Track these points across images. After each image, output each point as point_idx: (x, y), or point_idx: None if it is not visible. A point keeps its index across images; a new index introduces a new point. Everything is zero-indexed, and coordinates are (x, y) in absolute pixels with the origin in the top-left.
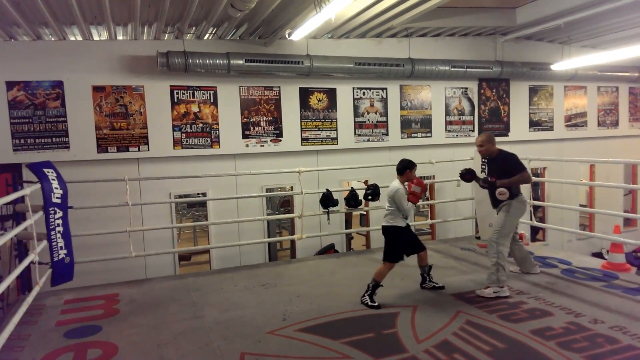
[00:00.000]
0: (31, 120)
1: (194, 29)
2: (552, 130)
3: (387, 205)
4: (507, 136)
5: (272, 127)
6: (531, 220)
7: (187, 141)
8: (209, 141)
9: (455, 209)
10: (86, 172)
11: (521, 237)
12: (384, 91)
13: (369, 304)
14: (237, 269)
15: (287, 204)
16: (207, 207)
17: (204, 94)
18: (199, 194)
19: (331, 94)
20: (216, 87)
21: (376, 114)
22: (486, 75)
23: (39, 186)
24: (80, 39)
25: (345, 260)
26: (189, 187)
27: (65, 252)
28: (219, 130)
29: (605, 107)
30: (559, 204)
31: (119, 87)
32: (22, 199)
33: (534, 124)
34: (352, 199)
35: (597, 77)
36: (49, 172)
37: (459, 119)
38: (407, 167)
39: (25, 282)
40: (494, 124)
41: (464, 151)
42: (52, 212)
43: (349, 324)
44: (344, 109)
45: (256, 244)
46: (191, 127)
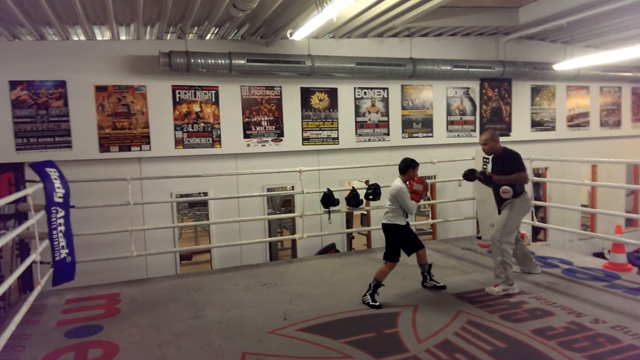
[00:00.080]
0: (34, 119)
1: (196, 28)
2: (554, 130)
3: (389, 203)
4: (509, 136)
5: (274, 126)
6: (533, 220)
7: (188, 141)
8: (211, 141)
9: (456, 209)
10: (88, 172)
11: (523, 237)
12: (386, 91)
13: (370, 303)
14: (238, 268)
15: (288, 203)
16: (208, 206)
17: (206, 94)
18: (200, 194)
19: (332, 94)
20: (218, 86)
21: (377, 113)
22: (488, 75)
23: (41, 185)
24: (83, 38)
25: (346, 260)
26: (190, 187)
27: (66, 251)
28: (220, 129)
29: (607, 107)
30: (561, 204)
31: (121, 87)
32: (24, 199)
33: (536, 124)
34: (353, 199)
35: (600, 77)
36: (51, 171)
37: (461, 119)
38: (409, 166)
39: (26, 282)
40: (496, 124)
41: (466, 151)
42: (54, 211)
43: (350, 324)
44: (345, 109)
45: (257, 244)
46: (193, 127)
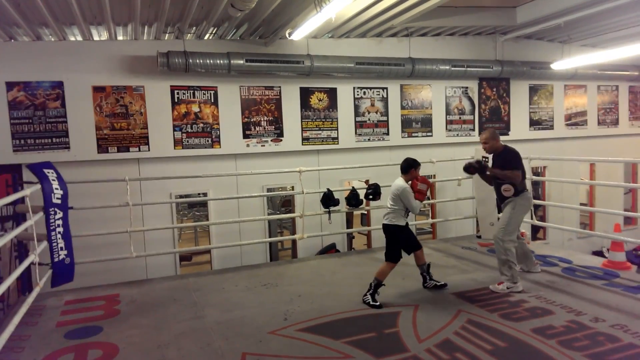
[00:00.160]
0: (31, 120)
1: (195, 28)
2: (553, 129)
3: (391, 203)
4: (508, 135)
5: (273, 127)
6: (532, 219)
7: (187, 141)
8: (210, 141)
9: (456, 208)
10: (86, 173)
11: (522, 235)
12: (385, 91)
13: (371, 303)
14: (238, 269)
15: (288, 203)
16: (207, 207)
17: (205, 94)
18: (199, 194)
19: (332, 94)
20: (217, 87)
21: (377, 113)
22: (486, 74)
23: (39, 187)
24: (80, 39)
25: (346, 259)
26: (190, 187)
27: (65, 252)
28: (219, 130)
29: (605, 105)
30: (560, 203)
31: (119, 88)
32: (22, 200)
33: (534, 123)
34: (353, 199)
35: (597, 76)
36: (49, 172)
37: (460, 118)
38: (411, 166)
39: (25, 283)
40: (495, 123)
41: (465, 150)
42: (53, 212)
43: (350, 324)
44: (345, 109)
45: (257, 244)
46: (192, 127)
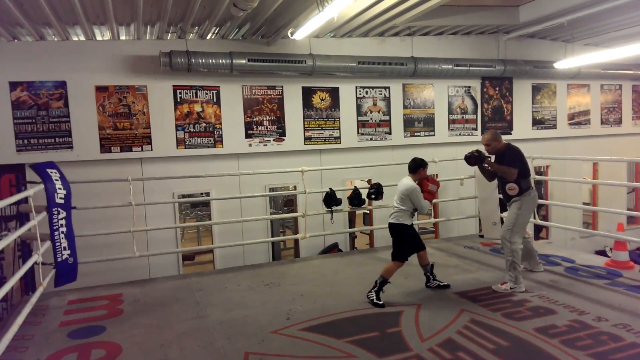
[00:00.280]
0: (34, 120)
1: (197, 28)
2: (555, 128)
3: (398, 202)
4: (510, 134)
5: (275, 126)
6: (535, 218)
7: (190, 141)
8: (212, 141)
9: (458, 208)
10: (89, 172)
11: (527, 235)
12: (387, 90)
13: (374, 301)
14: (240, 268)
15: (290, 203)
16: (210, 206)
17: (207, 94)
18: (202, 194)
19: (334, 93)
20: (219, 86)
21: (379, 112)
22: (489, 73)
23: (42, 187)
24: (83, 39)
25: (348, 259)
26: (193, 187)
27: (68, 252)
28: (222, 129)
29: (608, 105)
30: (563, 202)
31: (122, 87)
32: (25, 200)
33: (537, 122)
34: (356, 198)
35: (600, 75)
36: (52, 172)
37: (462, 117)
38: (419, 166)
39: (29, 283)
40: (497, 122)
41: (467, 150)
42: (56, 212)
43: (352, 323)
44: (347, 108)
45: (260, 244)
46: (194, 127)
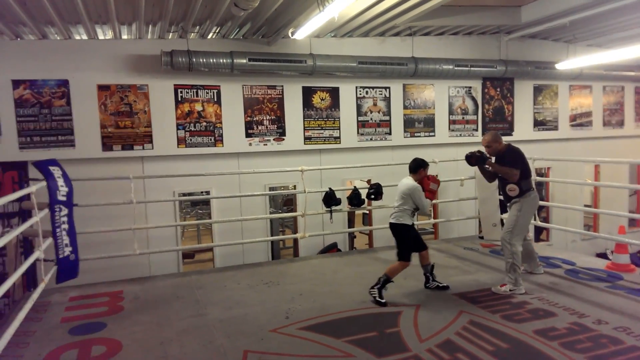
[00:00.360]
0: (37, 118)
1: (198, 28)
2: (557, 129)
3: (400, 202)
4: (511, 135)
5: (275, 126)
6: (535, 220)
7: (190, 140)
8: (213, 140)
9: (458, 209)
10: (91, 170)
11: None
12: (387, 90)
13: (377, 298)
14: (240, 267)
15: (290, 202)
16: (210, 205)
17: (208, 93)
18: (202, 193)
19: (334, 93)
20: (220, 86)
21: (379, 113)
22: (490, 74)
23: (44, 184)
24: (85, 38)
25: (348, 259)
26: (193, 186)
27: (70, 249)
28: (222, 129)
29: (610, 106)
30: (564, 204)
31: (124, 86)
32: (28, 197)
33: (539, 124)
34: (355, 198)
35: (603, 76)
36: (54, 170)
37: (463, 118)
38: (420, 166)
39: (30, 279)
40: (498, 123)
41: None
42: (58, 209)
43: (351, 323)
44: (347, 108)
45: (259, 243)
46: (195, 126)
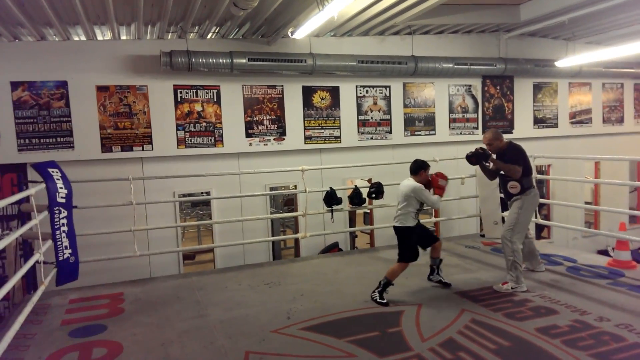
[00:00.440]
0: (36, 120)
1: (197, 28)
2: (557, 127)
3: (403, 204)
4: (512, 133)
5: (276, 125)
6: (536, 217)
7: (190, 140)
8: (213, 140)
9: (459, 207)
10: (90, 172)
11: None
12: (387, 89)
13: (378, 300)
14: (241, 267)
15: (290, 202)
16: (211, 206)
17: (207, 93)
18: (202, 193)
19: (334, 92)
20: (219, 86)
21: (379, 112)
22: (490, 72)
23: (43, 186)
24: (84, 39)
25: (349, 258)
26: (193, 186)
27: (70, 251)
28: (222, 129)
29: (610, 103)
30: (564, 202)
31: (123, 87)
32: (27, 199)
33: (538, 121)
34: (356, 197)
35: (602, 73)
36: (53, 171)
37: (463, 116)
38: (421, 167)
39: (30, 282)
40: (498, 121)
41: (468, 149)
42: (57, 211)
43: (353, 323)
44: (347, 107)
45: (260, 243)
46: (195, 126)
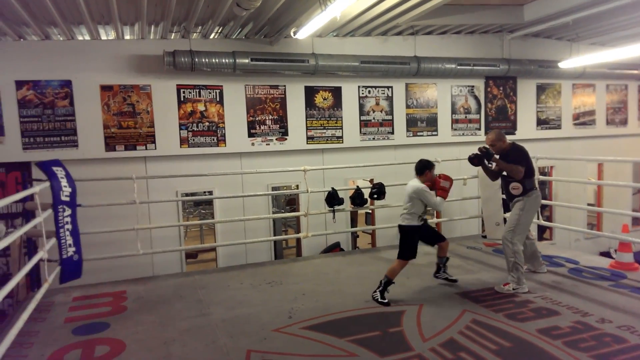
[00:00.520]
0: (40, 119)
1: (200, 28)
2: (560, 128)
3: (408, 205)
4: (514, 134)
5: (278, 125)
6: (538, 219)
7: (193, 140)
8: (215, 140)
9: (461, 208)
10: (94, 171)
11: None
12: (390, 89)
13: (379, 300)
14: (243, 266)
15: (292, 202)
16: (213, 205)
17: (210, 93)
18: (205, 193)
19: (336, 93)
20: (222, 86)
21: (382, 112)
22: (493, 73)
23: (48, 184)
24: (88, 38)
25: (350, 258)
26: (196, 186)
27: (73, 249)
28: (225, 129)
29: (614, 105)
30: (567, 203)
31: (127, 86)
32: (31, 197)
33: (542, 123)
34: (358, 198)
35: (606, 74)
36: (57, 170)
37: (466, 117)
38: (426, 167)
39: (34, 279)
40: (501, 122)
41: (470, 150)
42: (61, 210)
43: (354, 322)
44: (350, 108)
45: (262, 242)
46: (197, 126)
